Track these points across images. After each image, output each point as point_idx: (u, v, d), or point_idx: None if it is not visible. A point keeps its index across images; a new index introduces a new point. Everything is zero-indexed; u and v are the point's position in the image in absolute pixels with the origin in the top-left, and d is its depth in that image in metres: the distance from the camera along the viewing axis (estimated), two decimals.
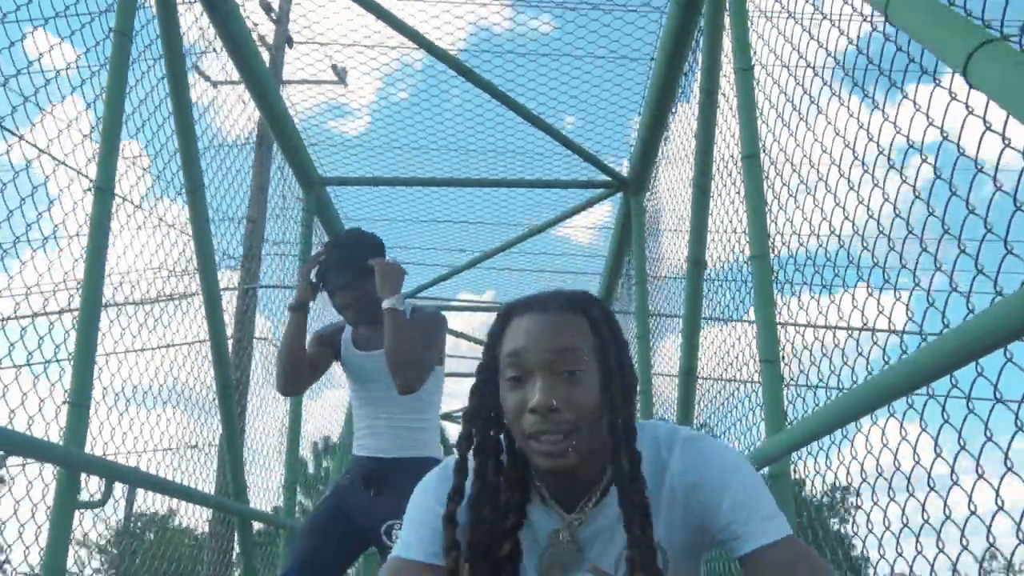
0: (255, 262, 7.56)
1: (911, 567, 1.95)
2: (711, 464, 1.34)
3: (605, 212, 6.81)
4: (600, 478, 1.38)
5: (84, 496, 2.67)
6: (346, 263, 2.72)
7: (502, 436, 1.39)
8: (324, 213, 5.80)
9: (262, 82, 4.45)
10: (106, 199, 2.81)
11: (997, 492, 1.58)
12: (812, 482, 2.57)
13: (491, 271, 8.19)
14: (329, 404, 7.85)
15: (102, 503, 2.68)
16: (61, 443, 2.58)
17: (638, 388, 1.50)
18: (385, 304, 2.58)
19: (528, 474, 1.39)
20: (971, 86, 1.43)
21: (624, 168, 5.64)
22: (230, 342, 5.34)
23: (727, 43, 3.32)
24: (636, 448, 1.30)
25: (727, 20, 3.27)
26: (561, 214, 6.19)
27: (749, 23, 3.02)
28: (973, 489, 1.65)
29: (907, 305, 2.04)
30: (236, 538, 4.49)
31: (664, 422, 1.49)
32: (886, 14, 1.74)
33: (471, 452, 1.38)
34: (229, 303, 4.33)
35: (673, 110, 4.72)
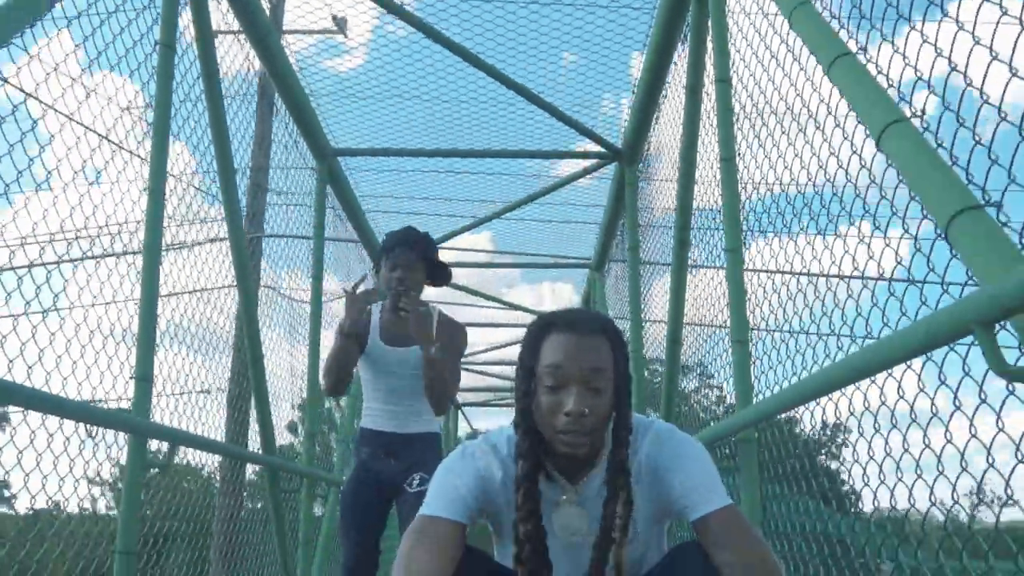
0: (259, 211, 7.88)
1: (892, 493, 2.18)
2: (670, 452, 1.76)
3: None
4: (594, 458, 1.80)
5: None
6: (413, 244, 3.12)
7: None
8: (336, 183, 6.15)
9: (278, 63, 4.77)
10: (158, 199, 3.18)
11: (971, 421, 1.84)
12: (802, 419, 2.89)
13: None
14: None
15: (165, 464, 3.11)
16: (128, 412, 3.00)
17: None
18: (431, 353, 2.93)
19: (540, 454, 1.79)
20: (881, 151, 1.81)
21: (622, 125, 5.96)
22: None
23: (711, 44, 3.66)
24: (629, 444, 1.72)
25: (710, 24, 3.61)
26: (560, 181, 6.57)
27: (728, 35, 3.37)
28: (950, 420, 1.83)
29: (896, 251, 2.29)
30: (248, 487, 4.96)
31: (644, 417, 1.90)
32: (828, 73, 2.11)
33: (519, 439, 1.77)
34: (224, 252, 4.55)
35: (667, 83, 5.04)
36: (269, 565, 5.58)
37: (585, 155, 6.07)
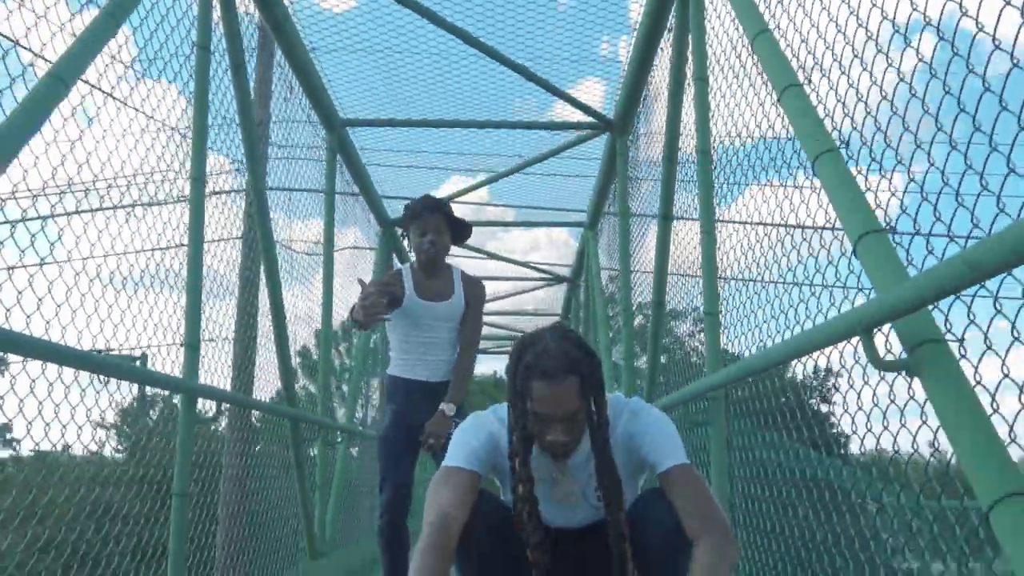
0: (260, 164, 8.19)
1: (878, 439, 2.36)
2: (641, 424, 2.21)
3: (598, 96, 7.21)
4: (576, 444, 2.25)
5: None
6: (437, 208, 3.50)
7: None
8: (345, 152, 6.55)
9: (290, 39, 5.13)
10: (200, 187, 3.60)
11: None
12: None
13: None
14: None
15: (215, 419, 3.57)
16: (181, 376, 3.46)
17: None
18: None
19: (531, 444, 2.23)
20: (815, 176, 2.24)
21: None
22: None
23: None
24: (607, 429, 2.16)
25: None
26: (555, 148, 6.99)
27: (707, 38, 3.76)
28: None
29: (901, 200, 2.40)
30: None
31: (621, 398, 2.34)
32: (779, 99, 2.53)
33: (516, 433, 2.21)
34: (226, 203, 4.76)
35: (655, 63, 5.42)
36: (277, 508, 6.02)
37: (579, 126, 6.46)
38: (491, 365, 27.79)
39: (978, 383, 1.61)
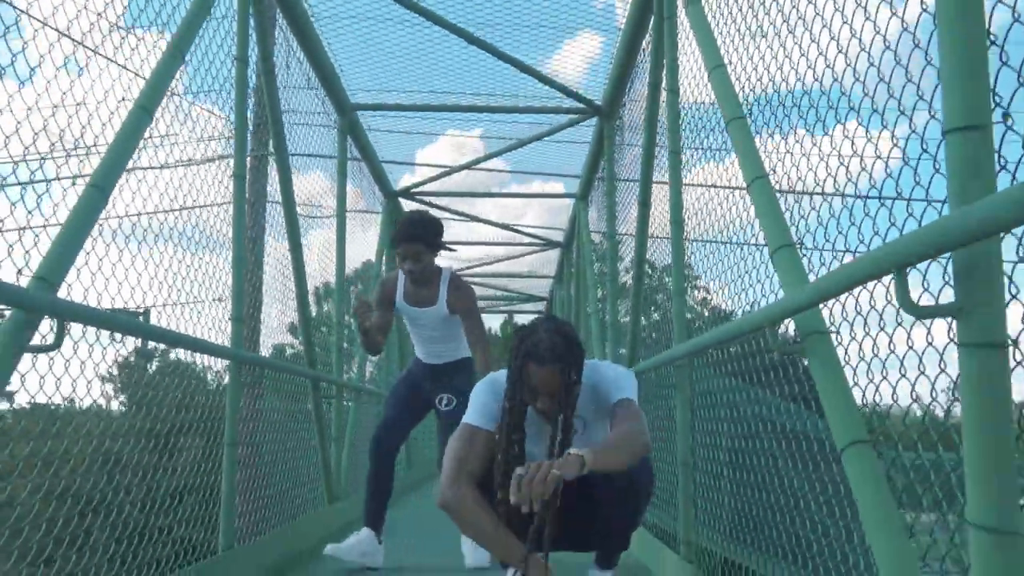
0: (264, 129, 8.72)
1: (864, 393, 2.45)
2: (600, 375, 2.85)
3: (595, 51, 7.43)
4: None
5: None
6: (414, 238, 4.05)
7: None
8: (355, 133, 7.12)
9: (303, 27, 5.67)
10: (241, 184, 4.19)
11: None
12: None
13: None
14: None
15: (258, 382, 4.20)
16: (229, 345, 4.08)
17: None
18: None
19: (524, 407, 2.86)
20: (749, 195, 2.85)
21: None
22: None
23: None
24: (578, 394, 2.78)
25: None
26: (547, 131, 7.58)
27: (678, 52, 4.34)
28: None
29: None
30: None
31: (591, 360, 2.96)
32: (727, 127, 3.12)
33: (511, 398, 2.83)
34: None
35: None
36: (298, 458, 6.62)
37: (569, 111, 7.04)
38: (487, 321, 28.41)
39: (846, 363, 2.25)
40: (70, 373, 2.79)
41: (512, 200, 10.40)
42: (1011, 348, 1.49)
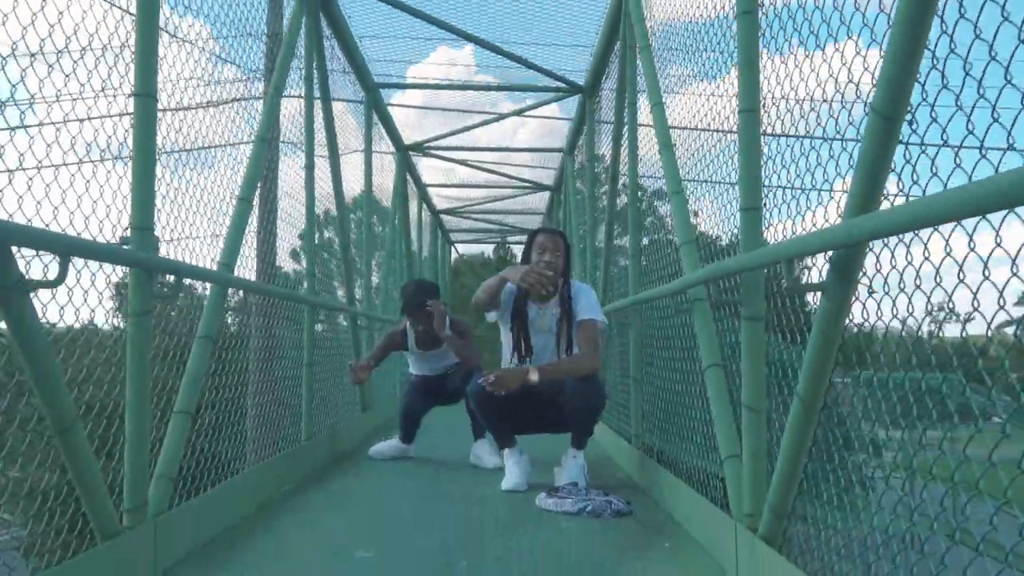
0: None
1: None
2: (579, 292, 4.41)
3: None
4: (551, 297, 4.42)
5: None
6: (419, 305, 5.58)
7: None
8: (379, 110, 8.45)
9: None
10: (262, 146, 5.56)
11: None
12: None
13: None
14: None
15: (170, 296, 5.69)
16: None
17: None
18: (443, 336, 5.51)
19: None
20: (670, 202, 4.31)
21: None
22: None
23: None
24: (570, 284, 4.34)
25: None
26: (535, 103, 8.93)
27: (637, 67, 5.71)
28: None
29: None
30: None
31: (574, 280, 4.51)
32: (660, 153, 4.55)
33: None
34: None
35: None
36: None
37: (557, 89, 8.40)
38: (480, 248, 29.95)
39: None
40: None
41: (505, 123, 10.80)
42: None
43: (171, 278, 3.11)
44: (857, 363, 2.49)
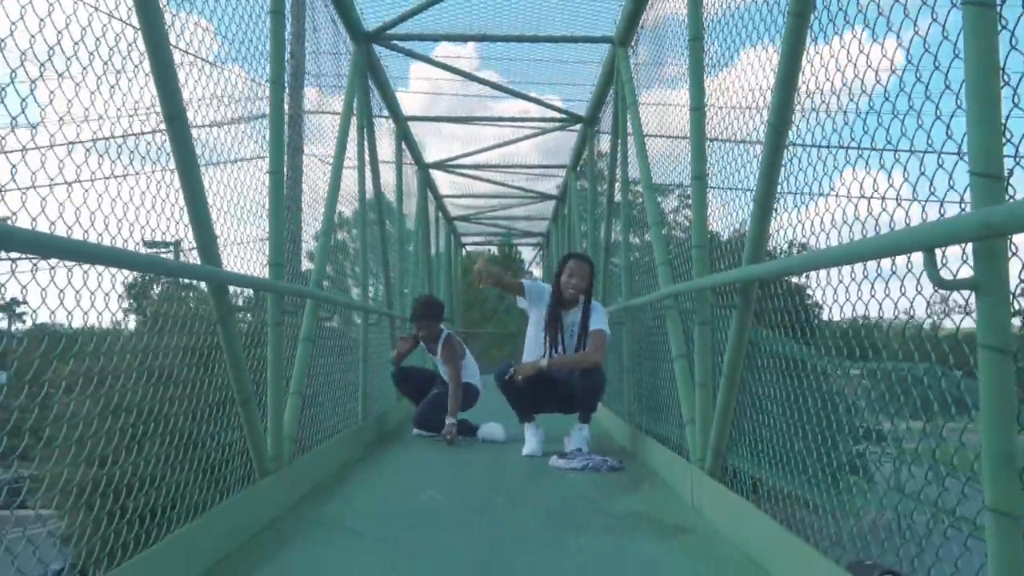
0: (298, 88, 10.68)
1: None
2: (594, 309, 5.76)
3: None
4: (575, 304, 5.74)
5: None
6: (425, 315, 6.95)
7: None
8: (372, 70, 8.02)
9: None
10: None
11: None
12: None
13: None
14: None
15: (296, 311, 7.01)
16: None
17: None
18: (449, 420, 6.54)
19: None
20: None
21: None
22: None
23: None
24: (590, 301, 5.71)
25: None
26: (543, 131, 10.23)
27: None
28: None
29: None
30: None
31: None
32: (644, 191, 5.86)
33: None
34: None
35: None
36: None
37: (562, 120, 9.72)
38: (489, 249, 31.53)
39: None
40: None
41: (508, 106, 11.28)
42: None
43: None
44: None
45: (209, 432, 3.87)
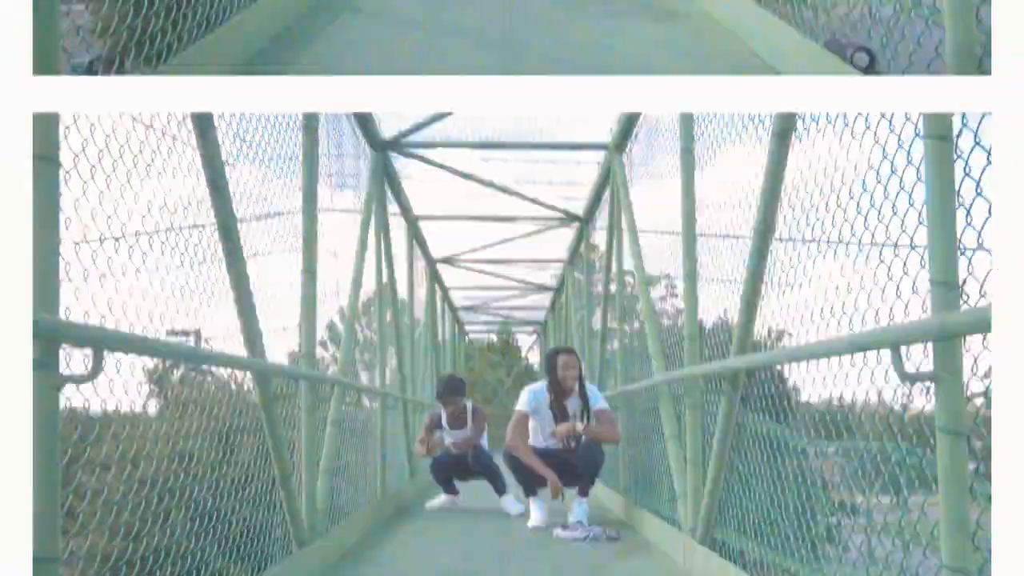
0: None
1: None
2: (591, 390, 6.33)
3: None
4: (572, 394, 6.28)
5: None
6: (450, 392, 7.51)
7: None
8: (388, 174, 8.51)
9: None
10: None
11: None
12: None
13: None
14: None
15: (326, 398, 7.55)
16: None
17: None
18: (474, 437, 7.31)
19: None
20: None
21: None
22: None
23: None
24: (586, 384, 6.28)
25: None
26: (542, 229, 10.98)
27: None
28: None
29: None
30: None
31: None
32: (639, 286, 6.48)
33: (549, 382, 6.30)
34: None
35: None
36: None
37: (560, 219, 10.46)
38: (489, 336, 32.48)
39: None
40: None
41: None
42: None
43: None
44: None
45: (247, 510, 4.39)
